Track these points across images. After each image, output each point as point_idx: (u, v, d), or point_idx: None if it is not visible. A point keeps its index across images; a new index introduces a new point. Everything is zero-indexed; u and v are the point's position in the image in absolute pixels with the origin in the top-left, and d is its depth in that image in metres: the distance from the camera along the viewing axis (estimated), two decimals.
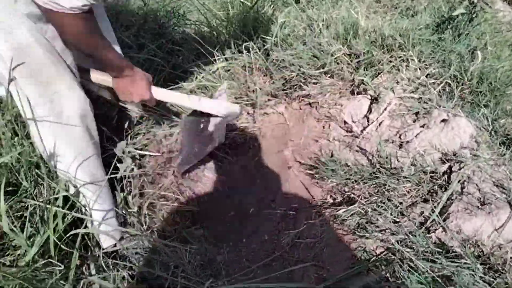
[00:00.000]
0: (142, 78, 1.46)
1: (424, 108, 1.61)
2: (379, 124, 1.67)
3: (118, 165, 1.63)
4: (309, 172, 1.76)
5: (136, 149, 1.77)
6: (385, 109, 1.69)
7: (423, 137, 1.48)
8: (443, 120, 1.51)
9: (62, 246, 1.11)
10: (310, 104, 2.03)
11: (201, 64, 2.28)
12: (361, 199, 1.44)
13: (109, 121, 1.78)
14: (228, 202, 1.86)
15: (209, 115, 1.73)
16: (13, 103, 1.28)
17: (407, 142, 1.51)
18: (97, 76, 1.47)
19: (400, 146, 1.53)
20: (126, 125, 1.74)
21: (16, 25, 1.11)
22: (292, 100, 2.09)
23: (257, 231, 1.70)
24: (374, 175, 1.45)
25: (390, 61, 1.82)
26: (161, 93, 1.56)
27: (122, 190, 1.64)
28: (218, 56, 2.25)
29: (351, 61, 1.88)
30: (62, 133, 1.28)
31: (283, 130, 2.06)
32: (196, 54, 2.38)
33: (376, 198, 1.41)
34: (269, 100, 2.16)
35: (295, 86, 2.07)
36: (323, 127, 1.92)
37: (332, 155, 1.74)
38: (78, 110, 1.30)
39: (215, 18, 2.53)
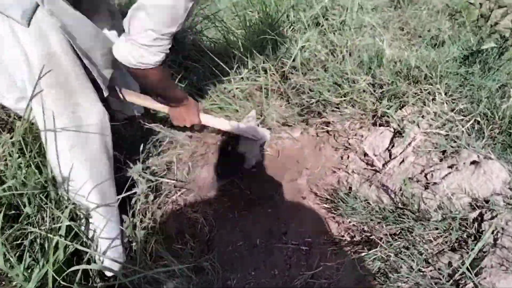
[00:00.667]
0: (194, 106, 1.68)
1: (451, 147, 1.52)
2: (403, 160, 1.58)
3: (136, 189, 1.57)
4: (325, 206, 1.67)
5: (151, 173, 1.70)
6: (409, 144, 1.60)
7: (451, 179, 1.39)
8: (473, 162, 1.42)
9: (61, 281, 1.02)
10: (328, 131, 1.95)
11: (216, 82, 2.22)
12: (383, 242, 1.34)
13: (124, 141, 1.73)
14: (237, 230, 1.77)
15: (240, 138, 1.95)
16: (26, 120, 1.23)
17: (434, 183, 1.41)
18: (152, 104, 1.67)
19: (426, 187, 1.43)
20: (140, 146, 1.68)
21: (49, 34, 1.14)
22: (309, 126, 2.02)
23: (266, 264, 1.61)
24: (398, 218, 1.36)
25: (416, 94, 1.74)
26: (207, 118, 1.78)
27: (133, 215, 1.56)
28: (234, 76, 2.19)
29: (375, 91, 1.80)
30: (80, 146, 1.26)
31: (298, 157, 1.98)
32: (211, 72, 2.32)
33: (399, 242, 1.32)
34: (284, 124, 2.09)
35: (313, 113, 2.00)
36: (341, 157, 1.84)
37: (350, 189, 1.65)
38: (98, 123, 1.30)
39: (233, 35, 2.47)
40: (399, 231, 1.38)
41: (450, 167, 1.45)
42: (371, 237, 1.42)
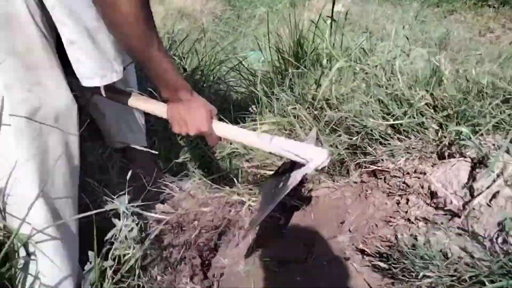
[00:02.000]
0: (200, 106, 1.15)
1: None
2: (494, 196, 1.07)
3: (114, 220, 1.12)
4: (378, 266, 1.13)
5: (140, 207, 1.27)
6: (501, 174, 1.10)
7: None
8: None
9: None
10: (375, 173, 1.47)
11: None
12: None
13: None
14: None
15: (290, 166, 1.28)
16: None
17: None
18: (145, 105, 1.21)
19: None
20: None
21: None
22: (350, 169, 1.56)
23: None
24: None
25: (496, 116, 1.28)
26: (223, 129, 1.23)
27: (105, 257, 1.07)
28: (260, 119, 1.88)
29: (437, 113, 1.36)
30: (30, 137, 0.88)
31: (338, 208, 1.49)
32: (234, 118, 2.01)
33: None
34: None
35: (355, 151, 1.56)
36: (398, 203, 1.33)
37: (415, 241, 1.13)
38: (61, 111, 0.94)
39: (253, 77, 2.20)
40: None
41: None
42: None
